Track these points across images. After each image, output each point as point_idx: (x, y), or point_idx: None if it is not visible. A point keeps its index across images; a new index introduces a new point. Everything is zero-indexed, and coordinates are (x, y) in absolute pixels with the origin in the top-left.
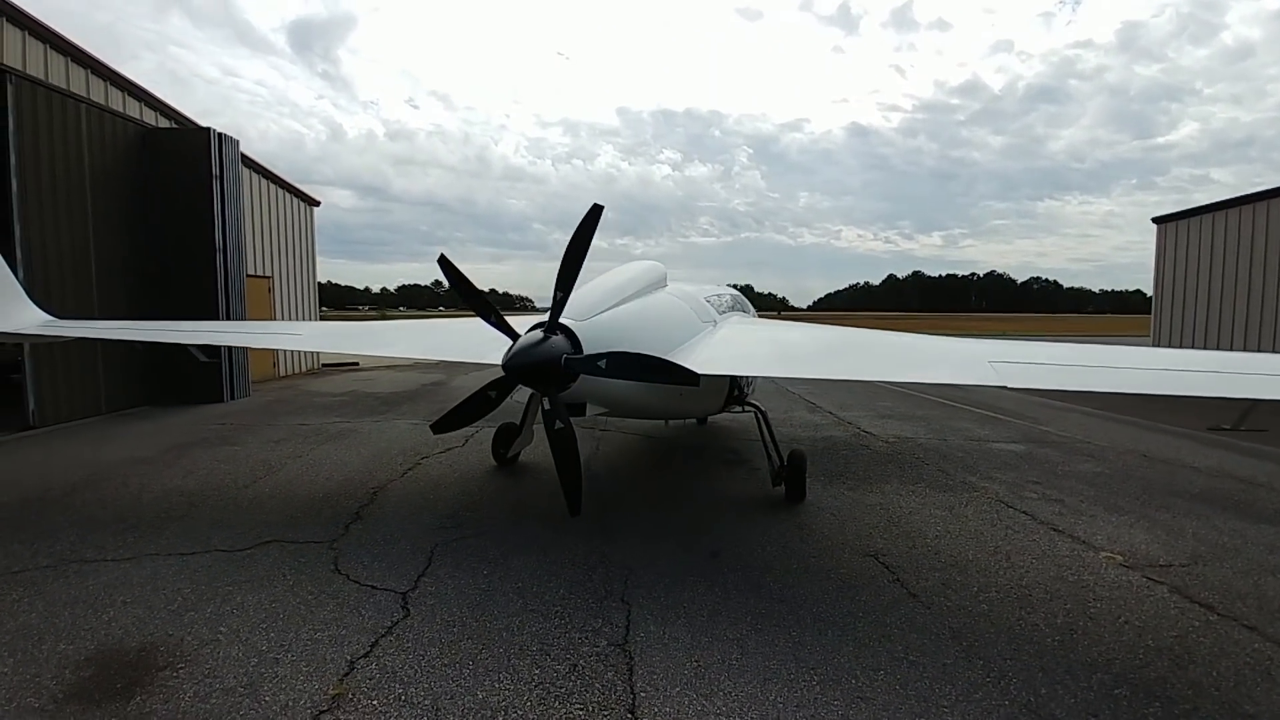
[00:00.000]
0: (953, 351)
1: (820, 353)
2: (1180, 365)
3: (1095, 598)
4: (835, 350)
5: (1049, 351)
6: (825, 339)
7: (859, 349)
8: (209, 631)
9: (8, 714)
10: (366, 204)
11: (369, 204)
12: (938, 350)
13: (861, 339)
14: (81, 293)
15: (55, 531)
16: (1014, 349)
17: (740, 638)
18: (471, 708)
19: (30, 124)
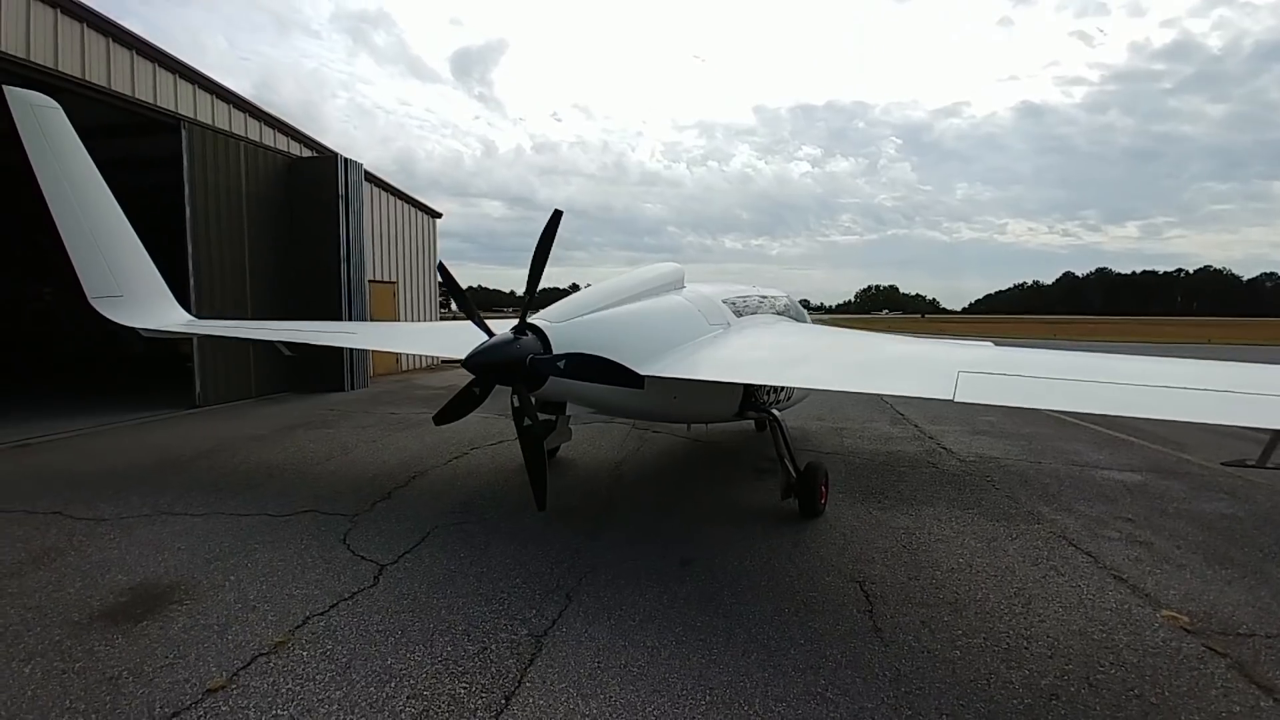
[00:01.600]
0: (924, 359)
1: (791, 360)
2: (1198, 383)
3: (1115, 663)
4: (802, 358)
5: (1045, 361)
6: (818, 344)
7: (826, 355)
8: (221, 578)
9: (53, 622)
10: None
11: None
12: (909, 357)
13: (837, 343)
14: (239, 297)
15: (165, 489)
16: (1002, 357)
17: (658, 646)
18: (376, 671)
19: (199, 159)
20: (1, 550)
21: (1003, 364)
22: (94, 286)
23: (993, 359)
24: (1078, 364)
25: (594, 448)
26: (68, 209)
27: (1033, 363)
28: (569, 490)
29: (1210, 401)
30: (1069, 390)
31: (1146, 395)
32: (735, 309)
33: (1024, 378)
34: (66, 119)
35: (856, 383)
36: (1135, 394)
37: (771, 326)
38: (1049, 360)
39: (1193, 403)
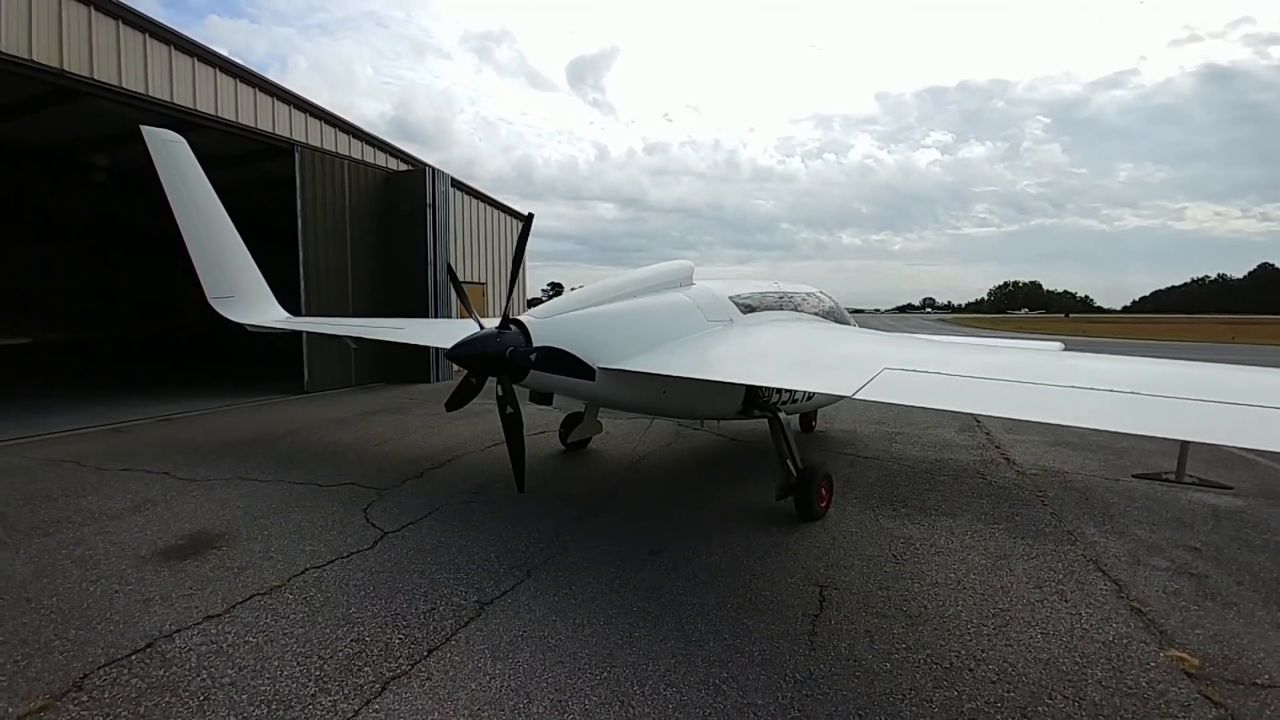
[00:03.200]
0: (862, 356)
1: (748, 357)
2: (1110, 383)
3: (1071, 698)
4: (762, 354)
5: (979, 361)
6: (800, 341)
7: (784, 353)
8: (257, 533)
9: (125, 555)
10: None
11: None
12: (854, 355)
13: (819, 339)
14: (341, 297)
15: (249, 459)
16: (940, 354)
17: (585, 624)
18: (337, 617)
19: (310, 178)
20: (116, 498)
21: (934, 363)
22: (213, 289)
23: (915, 357)
24: (1021, 364)
25: (627, 442)
26: (192, 224)
27: (969, 363)
28: (581, 479)
29: (1115, 406)
30: (983, 392)
31: (1058, 398)
32: (743, 306)
33: (944, 375)
34: (190, 150)
35: (786, 380)
36: (1047, 396)
37: (778, 324)
38: (992, 360)
39: (1103, 407)
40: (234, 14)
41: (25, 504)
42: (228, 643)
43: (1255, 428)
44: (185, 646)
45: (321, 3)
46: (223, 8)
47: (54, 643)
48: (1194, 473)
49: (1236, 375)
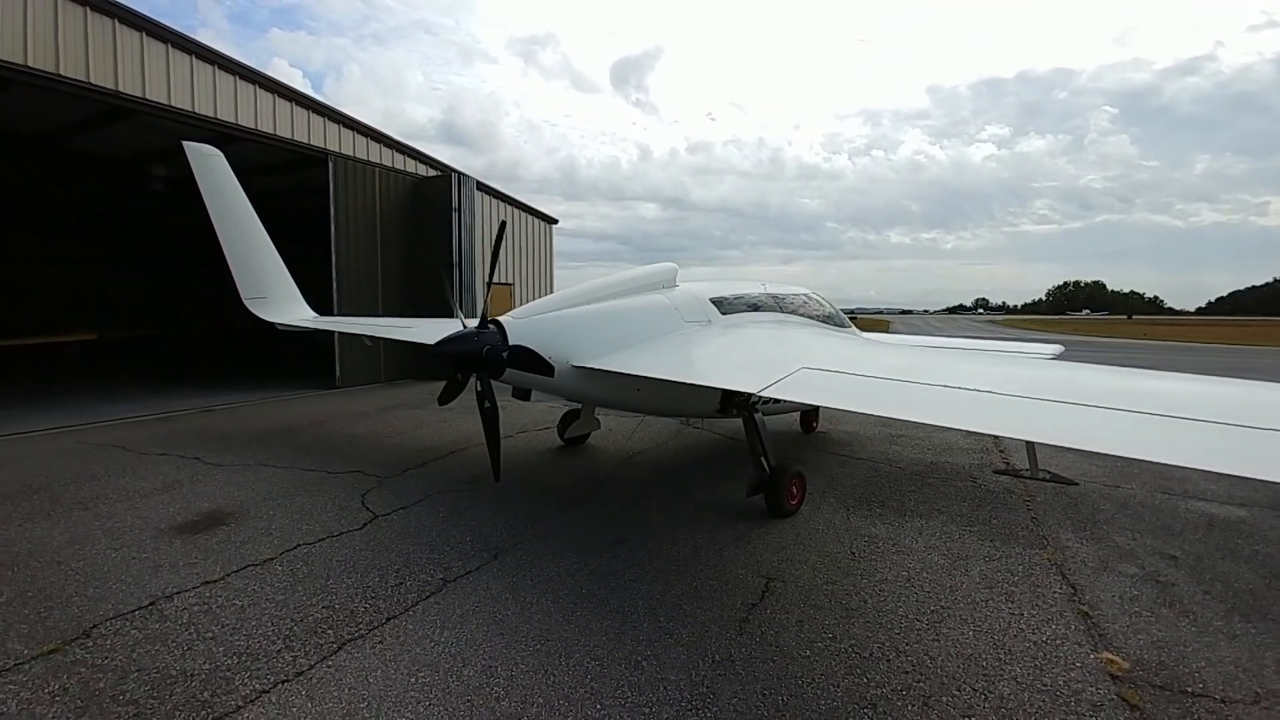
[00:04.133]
0: (784, 355)
1: (697, 357)
2: (990, 385)
3: (979, 690)
4: (708, 354)
5: (894, 362)
6: (745, 339)
7: (721, 350)
8: (264, 512)
9: (147, 529)
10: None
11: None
12: (777, 351)
13: (746, 337)
14: (372, 298)
15: (272, 447)
16: (862, 355)
17: (532, 602)
18: (315, 587)
19: (342, 185)
20: (149, 479)
21: (852, 363)
22: (247, 290)
23: (849, 359)
24: (923, 365)
25: (627, 439)
26: (228, 231)
27: (885, 364)
28: (570, 473)
29: (977, 407)
30: (876, 392)
31: (933, 397)
32: (722, 307)
33: (853, 375)
34: (226, 162)
35: (707, 378)
36: (925, 395)
37: (750, 325)
38: (907, 361)
39: (966, 407)
40: (294, 26)
41: (72, 482)
42: (217, 605)
43: (1094, 430)
44: (181, 606)
45: (375, 13)
46: (284, 21)
47: (73, 599)
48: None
49: (1104, 378)
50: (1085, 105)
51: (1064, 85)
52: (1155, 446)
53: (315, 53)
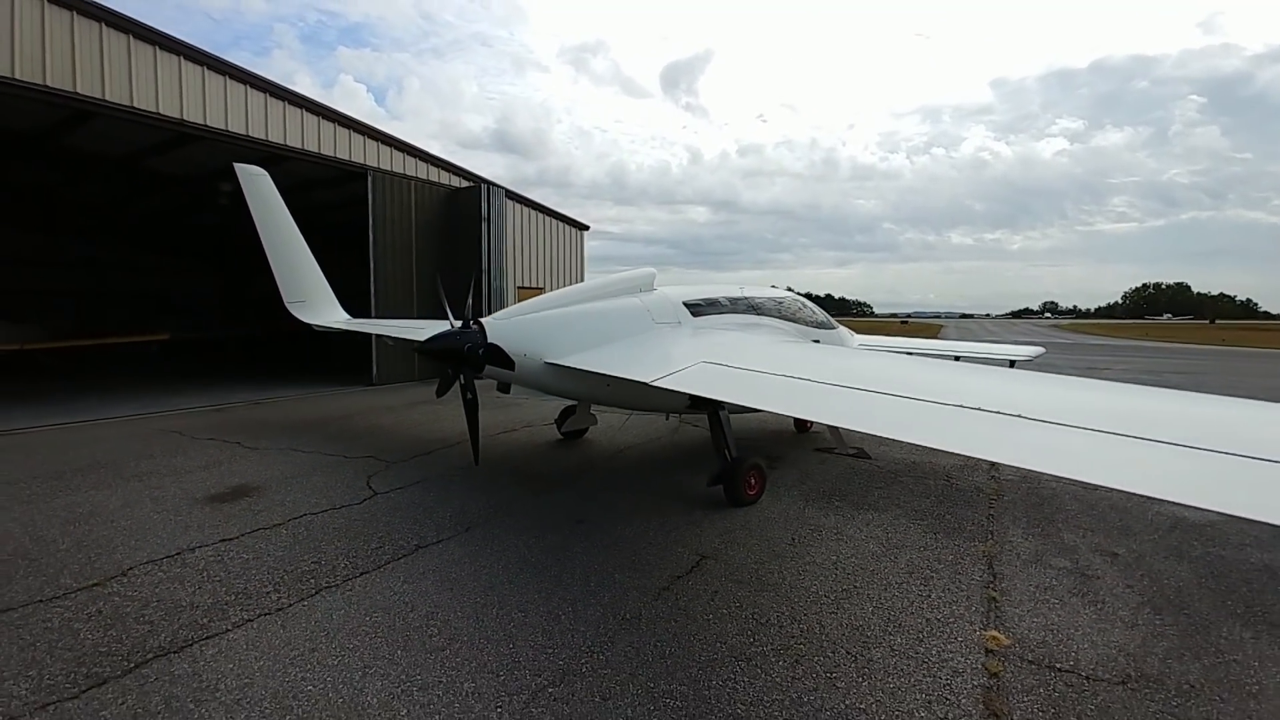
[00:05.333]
0: (693, 350)
1: (639, 354)
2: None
3: (852, 654)
4: (647, 350)
5: (788, 359)
6: (688, 338)
7: (654, 346)
8: (282, 488)
9: (185, 498)
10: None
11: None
12: (691, 345)
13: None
14: (407, 303)
15: (303, 435)
16: (774, 354)
17: (484, 565)
18: (310, 545)
19: (380, 198)
20: (196, 458)
21: (754, 361)
22: (289, 295)
23: (730, 352)
24: (803, 360)
25: (622, 433)
26: (272, 241)
27: (782, 362)
28: (558, 463)
29: (813, 396)
30: (751, 385)
31: (771, 386)
32: (694, 309)
33: (743, 371)
34: (271, 180)
35: (618, 369)
36: (766, 385)
37: (713, 327)
38: (799, 358)
39: (805, 397)
40: (359, 44)
41: (133, 459)
42: (228, 556)
43: (879, 416)
44: (199, 557)
45: (434, 28)
46: (350, 39)
47: (118, 548)
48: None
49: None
50: (1168, 95)
51: (1144, 74)
52: (1004, 449)
53: (378, 68)
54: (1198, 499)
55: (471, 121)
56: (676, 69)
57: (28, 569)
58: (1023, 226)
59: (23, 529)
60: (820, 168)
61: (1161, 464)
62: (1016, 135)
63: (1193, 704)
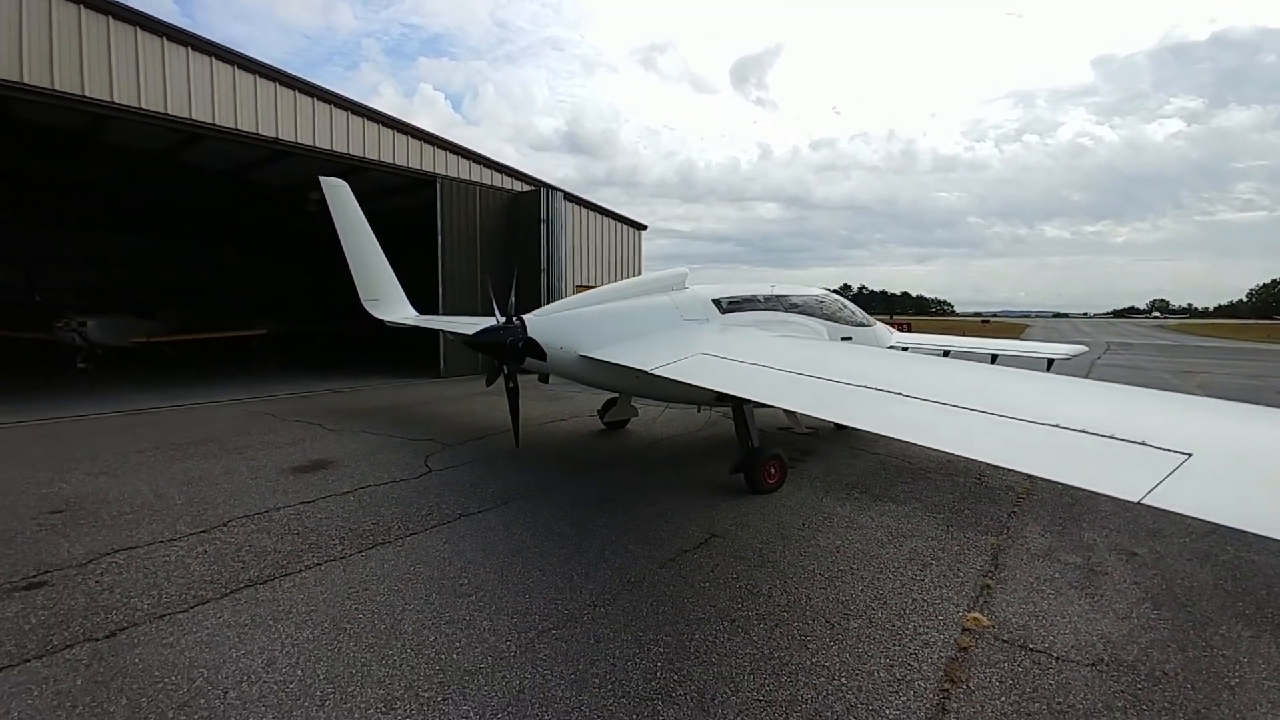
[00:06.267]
0: (697, 343)
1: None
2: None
3: (832, 624)
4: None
5: (778, 354)
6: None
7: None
8: (354, 463)
9: (273, 469)
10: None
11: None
12: (698, 339)
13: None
14: (472, 300)
15: (375, 419)
16: (762, 348)
17: (515, 531)
18: (369, 512)
19: (449, 203)
20: (284, 436)
21: (749, 355)
22: (365, 294)
23: (748, 351)
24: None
25: (661, 426)
26: (350, 245)
27: (772, 357)
28: (598, 451)
29: (780, 386)
30: (766, 382)
31: (748, 376)
32: (722, 306)
33: (748, 365)
34: (350, 191)
35: (626, 359)
36: (747, 375)
37: (741, 324)
38: (787, 354)
39: (770, 387)
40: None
41: (234, 435)
42: (306, 515)
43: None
44: (283, 515)
45: (508, 35)
46: (430, 49)
47: (220, 506)
48: None
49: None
50: None
51: (1272, 48)
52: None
53: (455, 76)
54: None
55: (543, 124)
56: (746, 64)
57: (152, 517)
58: (1129, 217)
59: (149, 487)
60: (898, 160)
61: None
62: (1123, 118)
63: (1159, 689)
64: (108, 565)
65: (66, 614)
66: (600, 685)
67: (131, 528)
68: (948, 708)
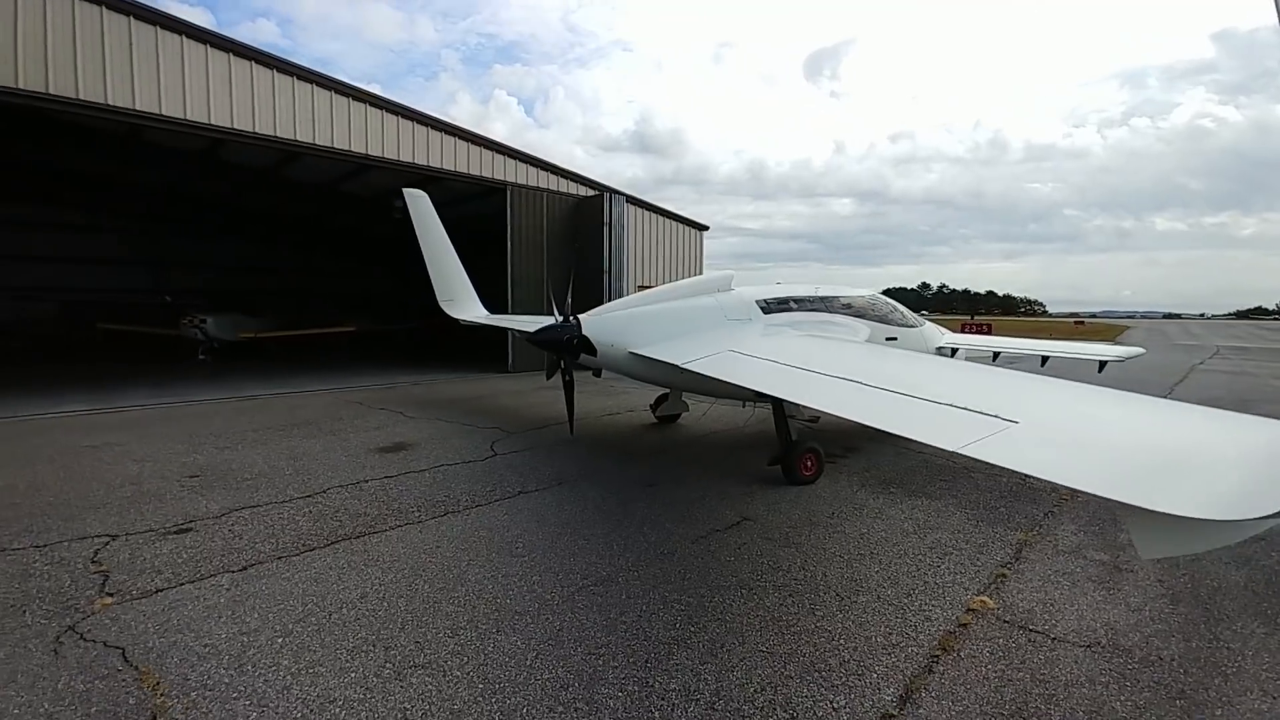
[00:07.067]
0: (729, 341)
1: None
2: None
3: (840, 594)
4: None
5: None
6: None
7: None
8: (429, 446)
9: (362, 448)
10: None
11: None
12: (731, 337)
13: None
14: (538, 300)
15: (448, 409)
16: (783, 348)
17: (566, 506)
18: (442, 486)
19: (518, 209)
20: (371, 421)
21: (770, 353)
22: (441, 295)
23: (771, 350)
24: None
25: (711, 421)
26: (428, 250)
27: (789, 353)
28: (649, 441)
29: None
30: (777, 377)
31: (751, 369)
32: (765, 307)
33: (768, 362)
34: (429, 200)
35: (665, 354)
36: (749, 367)
37: (780, 324)
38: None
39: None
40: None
41: (328, 420)
42: (390, 488)
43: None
44: (370, 487)
45: (579, 39)
46: (504, 56)
47: (319, 477)
48: None
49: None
50: None
51: None
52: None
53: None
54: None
55: (611, 125)
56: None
57: (267, 484)
58: (1258, 207)
59: (264, 460)
60: (985, 150)
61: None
62: (1249, 96)
63: (1148, 671)
64: (237, 518)
65: (209, 552)
66: (627, 631)
67: (252, 490)
68: (934, 670)
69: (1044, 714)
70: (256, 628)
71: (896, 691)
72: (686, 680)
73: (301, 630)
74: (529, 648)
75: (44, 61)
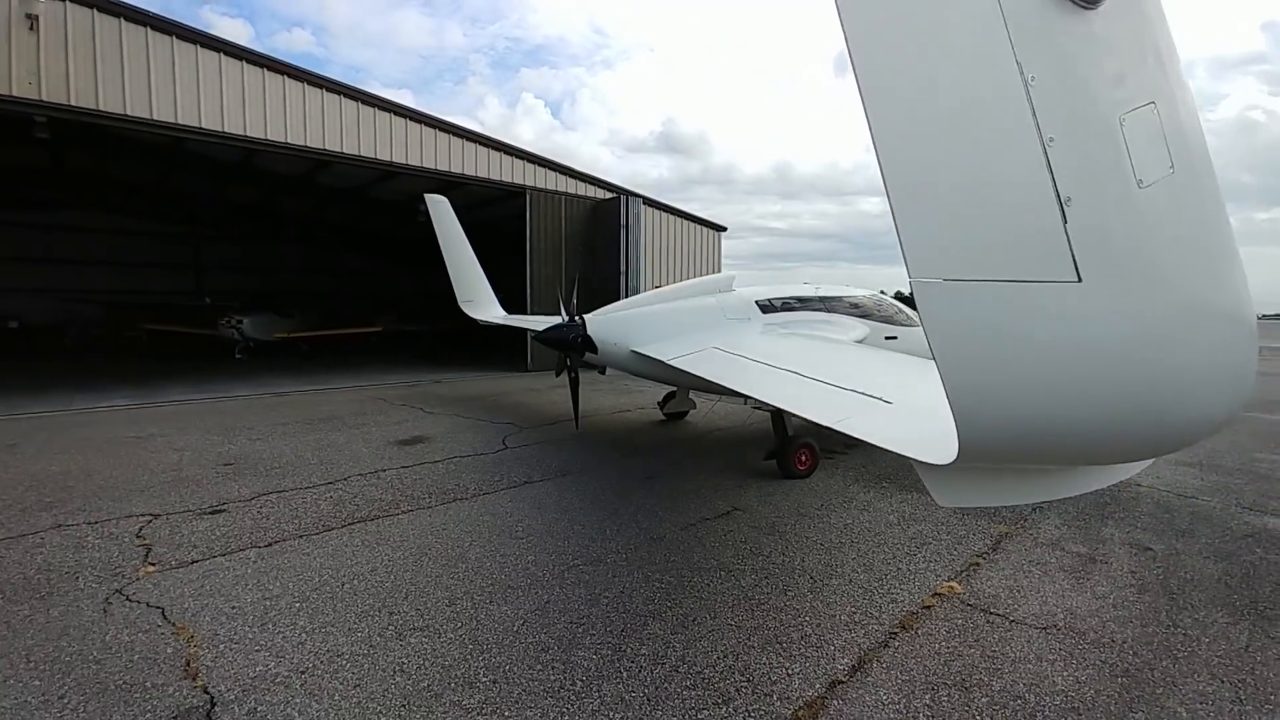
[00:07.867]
0: (717, 339)
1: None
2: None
3: (815, 577)
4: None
5: (772, 350)
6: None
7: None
8: (445, 439)
9: (382, 441)
10: None
11: None
12: (722, 335)
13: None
14: (555, 301)
15: (466, 405)
16: (763, 345)
17: (565, 494)
18: (455, 476)
19: (536, 211)
20: (392, 416)
21: (751, 351)
22: (460, 296)
23: (753, 347)
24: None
25: (717, 418)
26: (448, 252)
27: (768, 351)
28: (653, 437)
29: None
30: (749, 373)
31: (740, 370)
32: (764, 307)
33: (744, 359)
34: (449, 205)
35: (658, 352)
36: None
37: (776, 324)
38: (784, 349)
39: (761, 382)
40: (538, 64)
41: (353, 415)
42: (406, 476)
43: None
44: (388, 475)
45: (605, 40)
46: (531, 60)
47: (342, 466)
48: None
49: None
50: None
51: None
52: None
53: (555, 84)
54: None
55: (637, 127)
56: None
57: (294, 472)
58: None
59: (291, 450)
60: None
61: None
62: None
63: (1096, 651)
64: (264, 502)
65: (239, 530)
66: (609, 604)
67: (280, 477)
68: (890, 644)
69: (985, 685)
70: (278, 594)
71: (850, 663)
72: (656, 648)
73: (317, 597)
74: (517, 616)
75: (94, 79)
